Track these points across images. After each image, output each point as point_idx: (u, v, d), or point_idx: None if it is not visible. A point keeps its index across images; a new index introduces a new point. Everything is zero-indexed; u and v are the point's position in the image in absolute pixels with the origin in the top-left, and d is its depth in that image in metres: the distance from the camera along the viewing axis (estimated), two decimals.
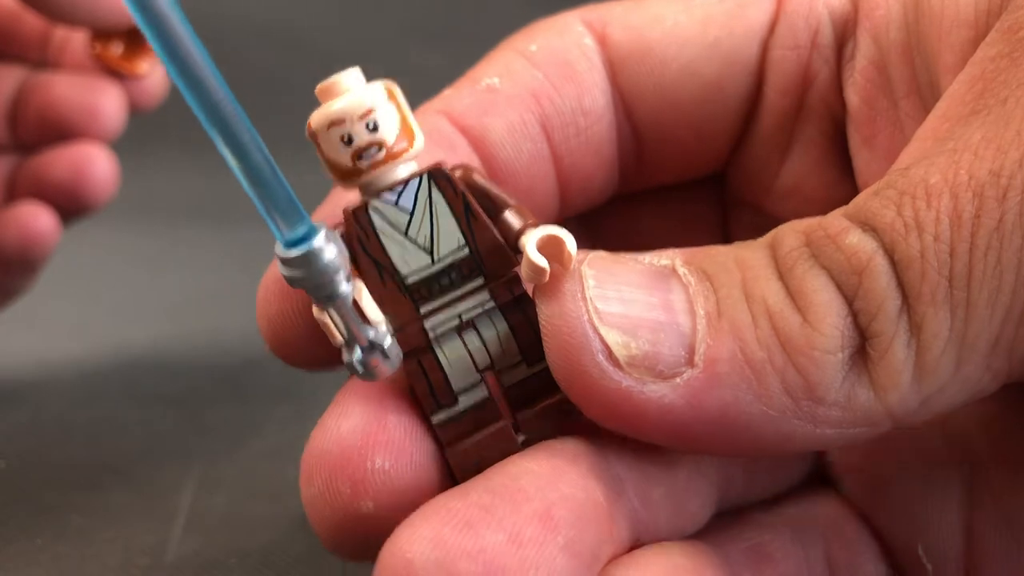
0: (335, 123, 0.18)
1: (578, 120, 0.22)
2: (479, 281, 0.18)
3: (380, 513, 0.18)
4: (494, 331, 0.19)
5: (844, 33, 0.22)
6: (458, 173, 0.19)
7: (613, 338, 0.16)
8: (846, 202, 0.21)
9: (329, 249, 0.17)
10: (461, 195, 0.18)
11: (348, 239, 0.18)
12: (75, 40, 0.38)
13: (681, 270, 0.17)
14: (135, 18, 0.14)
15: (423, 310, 0.18)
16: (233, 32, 0.94)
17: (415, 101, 0.20)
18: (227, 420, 0.39)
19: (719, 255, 0.17)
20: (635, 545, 0.18)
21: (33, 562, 0.28)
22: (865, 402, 0.16)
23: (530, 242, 0.17)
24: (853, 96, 0.21)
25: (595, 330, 0.16)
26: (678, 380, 0.16)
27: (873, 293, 0.16)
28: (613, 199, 0.25)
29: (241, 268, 0.66)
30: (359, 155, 0.18)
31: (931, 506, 0.21)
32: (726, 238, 0.25)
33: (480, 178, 0.19)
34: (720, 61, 0.22)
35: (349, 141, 0.18)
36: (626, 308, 0.17)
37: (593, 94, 0.22)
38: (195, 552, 0.29)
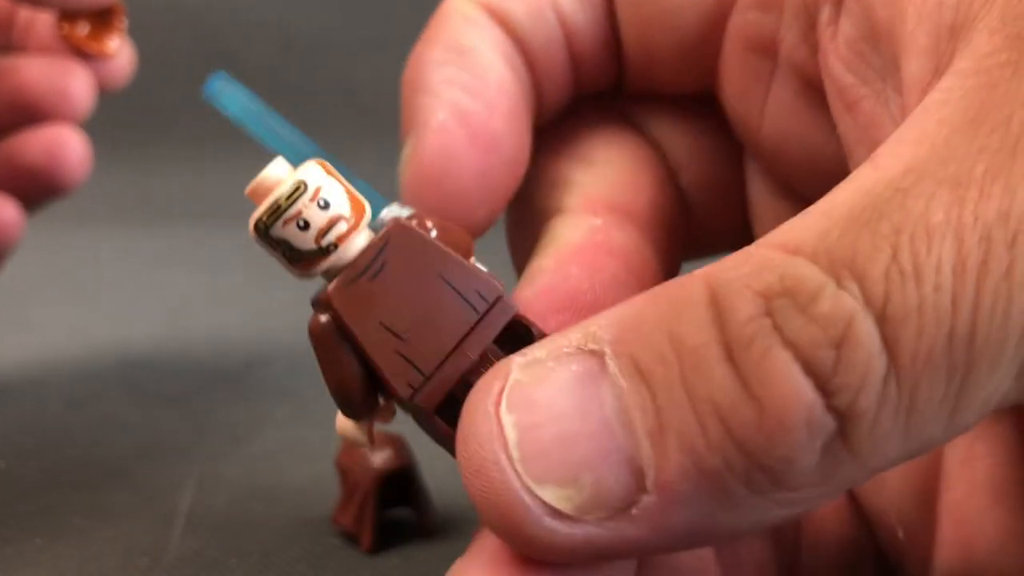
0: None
1: (586, 8, 0.23)
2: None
3: None
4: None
5: (817, 0, 0.21)
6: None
7: (554, 495, 0.15)
8: (833, 159, 0.21)
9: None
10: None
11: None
12: (40, 22, 0.37)
13: (611, 366, 0.15)
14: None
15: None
16: (234, 33, 0.94)
17: None
18: (227, 420, 0.39)
19: (653, 333, 0.15)
20: None
21: (33, 562, 0.28)
22: (847, 475, 0.15)
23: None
24: (836, 63, 0.20)
25: (532, 495, 0.15)
26: (634, 511, 0.15)
27: (855, 366, 0.14)
28: (636, 97, 0.25)
29: (241, 269, 0.66)
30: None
31: (906, 480, 0.21)
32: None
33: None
34: None
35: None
36: (561, 452, 0.15)
37: None
38: (195, 552, 0.29)
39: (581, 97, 0.25)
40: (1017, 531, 0.20)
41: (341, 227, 0.17)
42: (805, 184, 0.23)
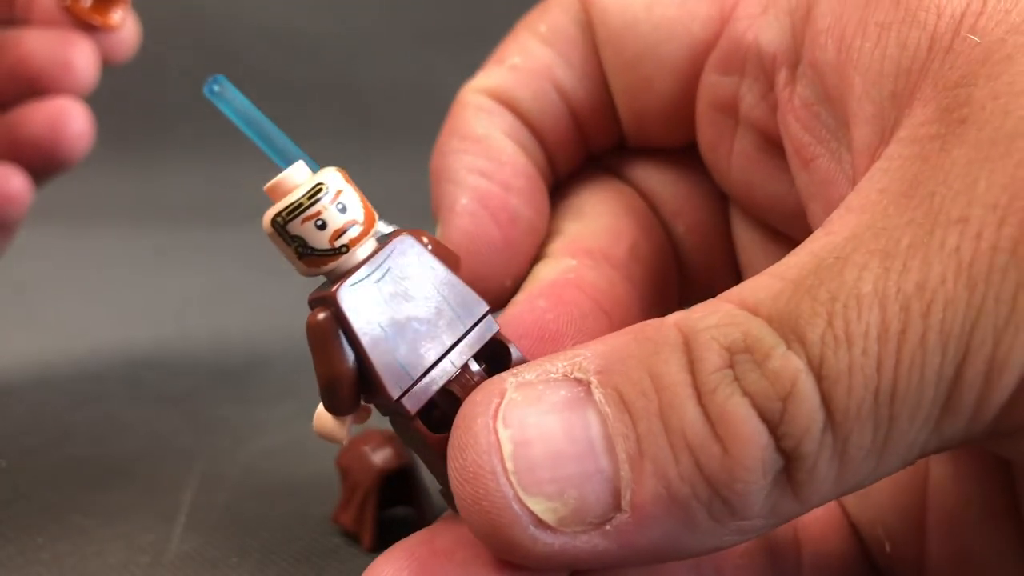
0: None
1: (582, 81, 0.26)
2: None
3: None
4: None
5: (774, 65, 0.22)
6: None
7: (541, 506, 0.16)
8: (796, 203, 0.23)
9: None
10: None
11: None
12: None
13: (597, 395, 0.17)
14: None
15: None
16: (235, 33, 0.94)
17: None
18: (228, 419, 0.39)
19: (635, 369, 0.17)
20: None
21: (34, 560, 0.28)
22: (789, 509, 0.16)
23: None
24: (793, 122, 0.22)
25: (523, 505, 0.16)
26: (608, 527, 0.16)
27: (798, 418, 0.16)
28: (639, 152, 0.27)
29: (243, 268, 0.66)
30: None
31: (892, 493, 0.22)
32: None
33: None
34: (665, 54, 0.25)
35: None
36: (551, 469, 0.16)
37: (590, 61, 0.26)
38: (196, 550, 0.29)
39: (591, 157, 0.27)
40: (1008, 542, 0.20)
41: (355, 231, 0.18)
42: (773, 221, 0.25)
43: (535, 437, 0.17)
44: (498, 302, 0.24)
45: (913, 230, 0.16)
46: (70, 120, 0.36)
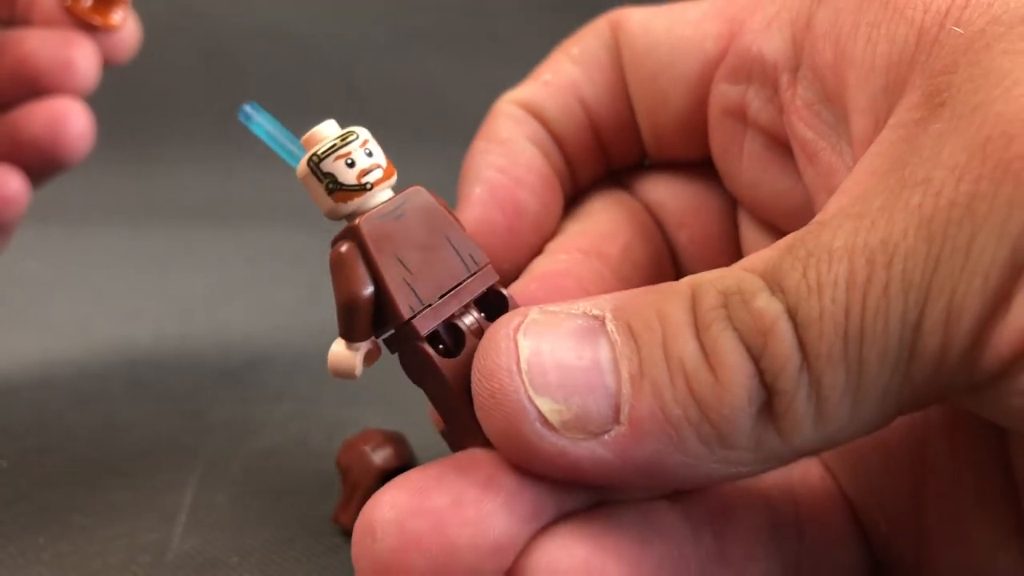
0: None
1: (605, 98, 0.28)
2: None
3: None
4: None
5: (776, 71, 0.24)
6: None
7: (548, 406, 0.18)
8: (800, 199, 0.25)
9: None
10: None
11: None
12: None
13: (610, 326, 0.19)
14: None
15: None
16: (235, 33, 0.94)
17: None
18: (229, 419, 0.39)
19: (645, 308, 0.19)
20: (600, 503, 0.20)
21: (35, 560, 0.29)
22: (772, 446, 0.18)
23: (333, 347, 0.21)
24: (797, 121, 0.24)
25: (531, 401, 0.18)
26: (606, 436, 0.18)
27: (777, 354, 0.17)
28: (653, 168, 0.30)
29: (243, 268, 0.66)
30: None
31: (887, 470, 0.23)
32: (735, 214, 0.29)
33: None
34: (680, 71, 0.27)
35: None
36: (559, 375, 0.18)
37: (614, 80, 0.28)
38: (197, 550, 0.29)
39: (611, 172, 0.30)
40: (1006, 524, 0.21)
41: (378, 173, 0.21)
42: (779, 220, 0.27)
43: (549, 348, 0.19)
44: None
45: (885, 195, 0.18)
46: (70, 120, 0.36)
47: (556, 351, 0.19)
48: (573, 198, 0.29)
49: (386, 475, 0.29)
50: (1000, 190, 0.16)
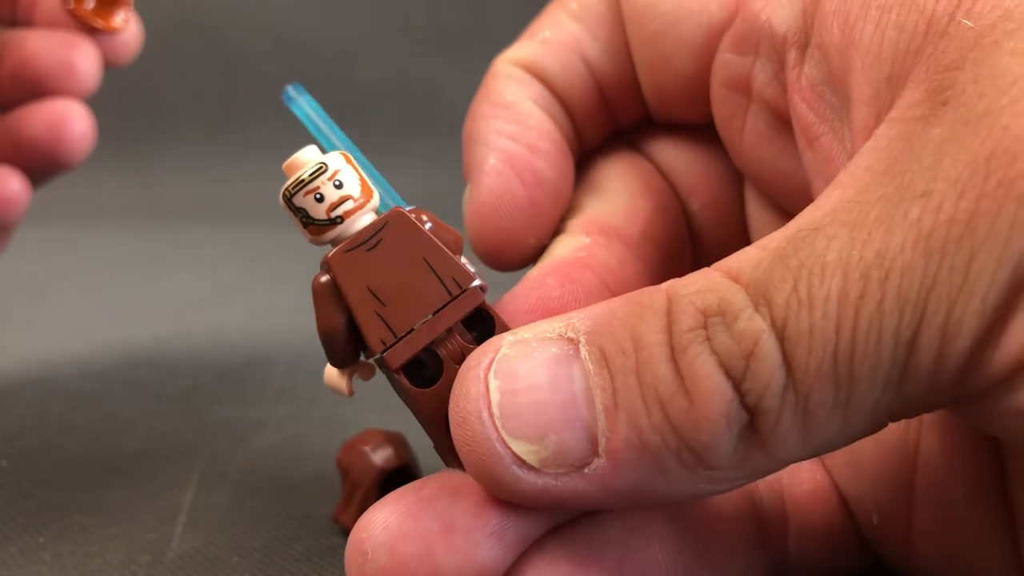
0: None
1: (608, 55, 0.27)
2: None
3: None
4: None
5: (785, 45, 0.23)
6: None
7: (523, 448, 0.18)
8: (804, 180, 0.24)
9: None
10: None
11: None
12: None
13: (583, 352, 0.18)
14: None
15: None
16: (236, 33, 0.94)
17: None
18: (228, 419, 0.39)
19: (620, 329, 0.18)
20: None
21: (35, 560, 0.29)
22: (758, 463, 0.18)
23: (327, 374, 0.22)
24: (799, 102, 0.23)
25: (505, 445, 0.18)
26: (587, 470, 0.18)
27: (759, 375, 0.17)
28: (661, 128, 0.28)
29: (243, 269, 0.66)
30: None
31: (881, 463, 0.23)
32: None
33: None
34: (683, 32, 0.26)
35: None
36: (533, 415, 0.18)
37: (616, 36, 0.27)
38: (197, 550, 0.29)
39: (617, 132, 0.28)
40: (993, 519, 0.21)
41: (348, 205, 0.21)
42: (781, 199, 0.26)
43: (522, 387, 0.18)
44: (521, 259, 0.26)
45: (883, 204, 0.17)
46: (71, 121, 0.36)
47: (530, 388, 0.18)
48: (580, 160, 0.28)
49: (386, 475, 0.29)
50: (1002, 210, 0.16)
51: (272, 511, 0.31)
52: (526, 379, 0.18)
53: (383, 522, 0.19)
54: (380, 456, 0.30)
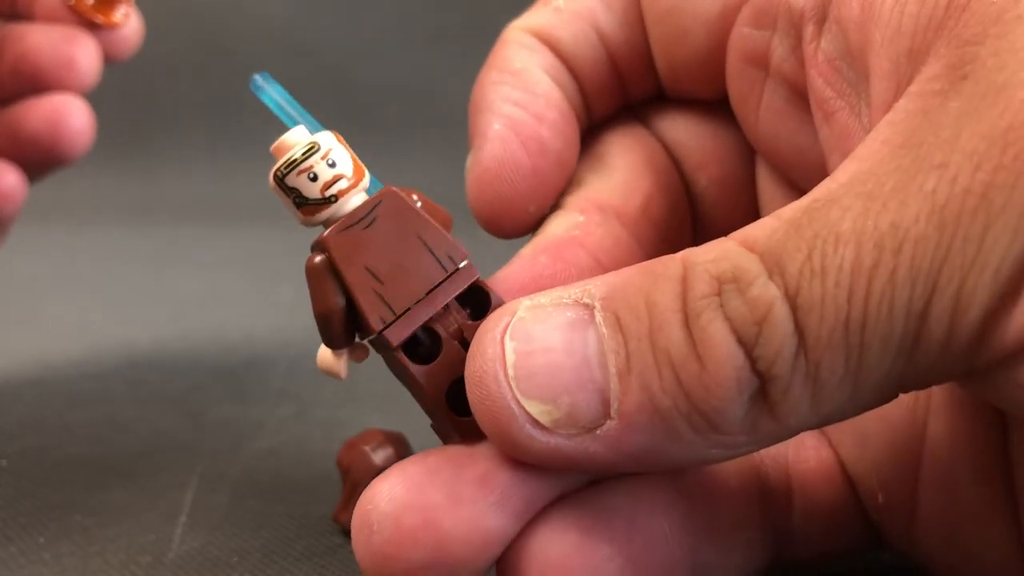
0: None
1: (622, 27, 0.27)
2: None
3: None
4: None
5: (802, 20, 0.23)
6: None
7: (537, 409, 0.18)
8: (820, 156, 0.23)
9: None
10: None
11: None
12: None
13: (598, 317, 0.18)
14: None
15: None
16: (235, 34, 0.94)
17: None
18: (229, 419, 0.39)
19: (634, 295, 0.18)
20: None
21: (35, 560, 0.29)
22: (768, 429, 0.18)
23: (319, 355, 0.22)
24: (816, 77, 0.23)
25: (519, 405, 0.18)
26: (598, 432, 0.18)
27: (771, 341, 0.17)
28: (672, 103, 0.28)
29: (243, 268, 0.66)
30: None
31: (887, 441, 0.23)
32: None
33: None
34: (699, 6, 0.25)
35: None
36: (547, 376, 0.18)
37: (631, 8, 0.27)
38: (197, 550, 0.29)
39: (628, 105, 0.28)
40: (997, 502, 0.21)
41: (343, 184, 0.21)
42: (796, 175, 0.25)
43: (537, 349, 0.19)
44: (521, 227, 0.25)
45: (899, 175, 0.17)
46: (70, 116, 0.36)
47: (544, 350, 0.18)
48: (587, 132, 0.28)
49: None
50: (1019, 182, 0.16)
51: (272, 511, 0.31)
52: (541, 341, 0.19)
53: (388, 494, 0.19)
54: (380, 456, 0.30)
